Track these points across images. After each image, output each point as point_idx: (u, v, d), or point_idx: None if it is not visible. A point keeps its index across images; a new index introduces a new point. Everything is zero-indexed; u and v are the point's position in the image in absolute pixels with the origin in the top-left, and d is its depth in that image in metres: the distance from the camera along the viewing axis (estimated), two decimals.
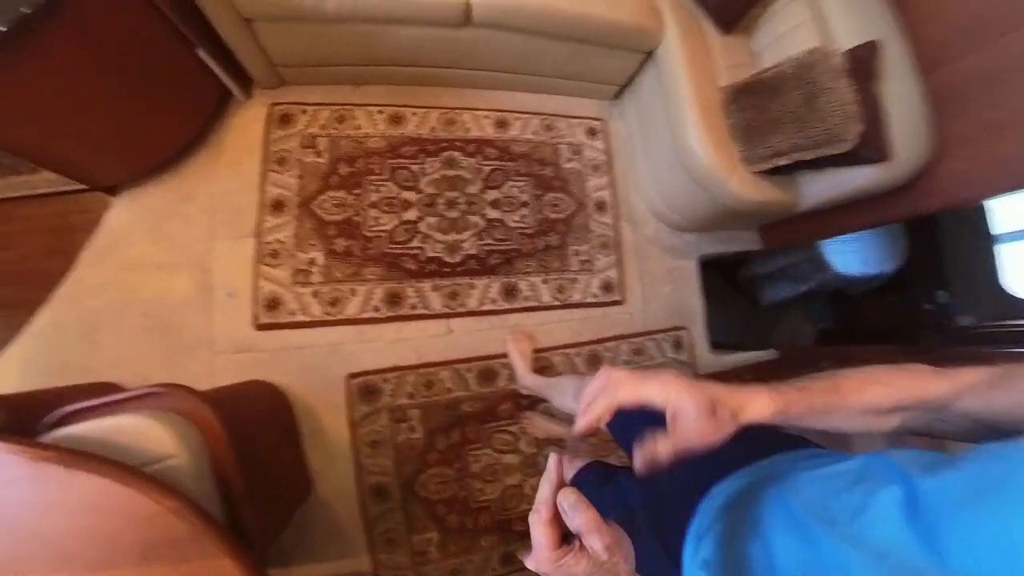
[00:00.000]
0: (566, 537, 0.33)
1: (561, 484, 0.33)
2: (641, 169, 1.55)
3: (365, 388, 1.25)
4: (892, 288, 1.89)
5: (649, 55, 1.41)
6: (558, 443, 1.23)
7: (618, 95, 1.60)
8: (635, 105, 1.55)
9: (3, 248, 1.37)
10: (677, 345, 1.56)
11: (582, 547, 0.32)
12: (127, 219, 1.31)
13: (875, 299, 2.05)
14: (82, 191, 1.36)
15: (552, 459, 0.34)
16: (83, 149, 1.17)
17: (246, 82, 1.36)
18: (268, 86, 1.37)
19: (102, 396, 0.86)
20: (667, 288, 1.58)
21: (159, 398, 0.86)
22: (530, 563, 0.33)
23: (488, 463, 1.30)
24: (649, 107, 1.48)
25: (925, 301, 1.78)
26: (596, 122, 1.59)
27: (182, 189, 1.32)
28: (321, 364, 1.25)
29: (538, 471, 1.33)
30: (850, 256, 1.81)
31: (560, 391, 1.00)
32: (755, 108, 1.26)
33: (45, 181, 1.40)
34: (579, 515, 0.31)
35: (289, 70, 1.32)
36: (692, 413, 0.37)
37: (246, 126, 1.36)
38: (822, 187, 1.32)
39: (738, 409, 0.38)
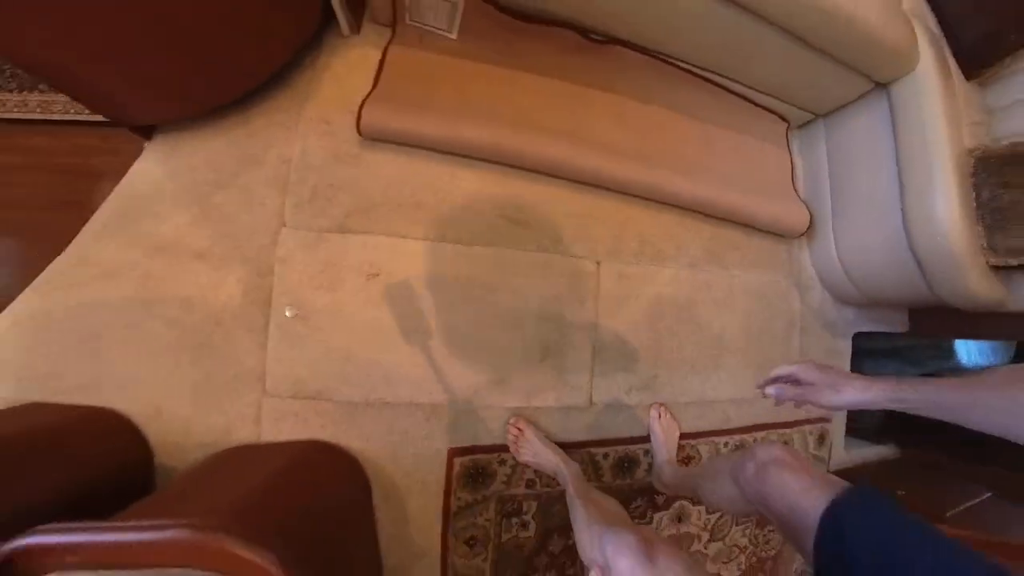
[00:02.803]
0: None
1: None
2: (821, 222, 1.22)
3: (473, 469, 0.90)
4: None
5: (878, 87, 1.06)
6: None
7: (804, 125, 1.25)
8: (828, 143, 1.20)
9: None
10: (821, 440, 1.27)
11: None
12: (162, 178, 0.87)
13: None
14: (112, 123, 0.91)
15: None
16: (122, 69, 0.71)
17: (354, 9, 0.92)
18: (382, 19, 0.93)
19: (88, 531, 0.46)
20: None
21: (188, 550, 0.46)
22: None
23: None
24: (854, 151, 1.14)
25: None
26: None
27: (247, 147, 0.89)
28: (416, 429, 0.88)
29: None
30: (977, 347, 1.60)
31: (712, 475, 0.71)
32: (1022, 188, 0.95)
33: (70, 103, 0.94)
34: None
35: None
36: (813, 380, 0.55)
37: (346, 73, 0.92)
38: None
39: (836, 388, 0.53)
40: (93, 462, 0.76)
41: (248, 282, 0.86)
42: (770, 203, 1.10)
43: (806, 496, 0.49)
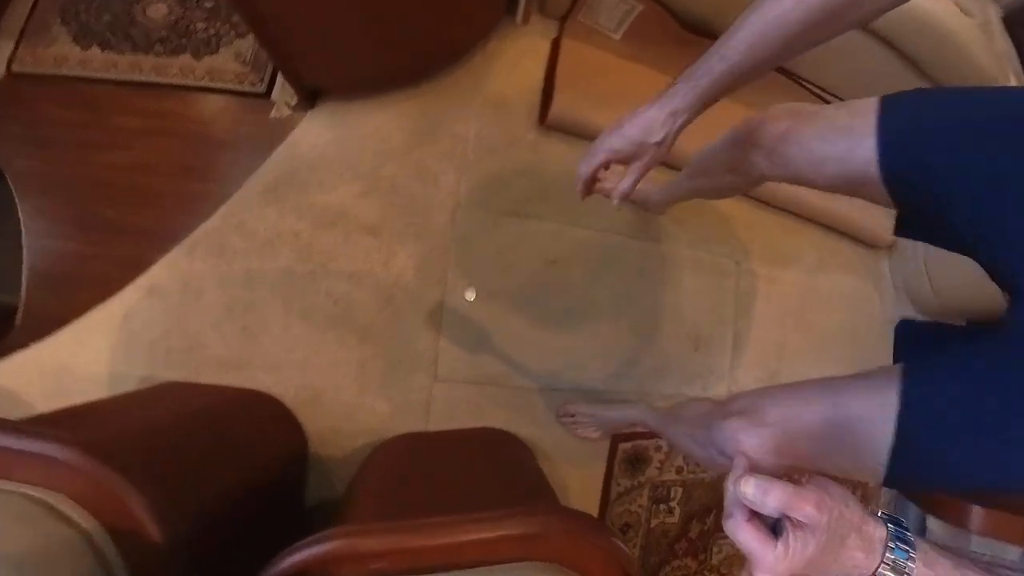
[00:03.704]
0: (774, 531, 0.26)
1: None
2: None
3: (633, 455, 0.90)
4: None
5: None
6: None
7: None
8: None
9: (116, 147, 0.83)
10: None
11: (796, 524, 0.25)
12: (326, 146, 0.82)
13: None
14: (250, 95, 0.86)
15: (739, 455, 0.30)
16: (315, 22, 0.67)
17: None
18: (553, 14, 0.93)
19: (404, 531, 0.41)
20: None
21: (527, 542, 0.43)
22: None
23: (728, 554, 1.01)
24: None
25: None
26: None
27: (419, 122, 0.85)
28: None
29: None
30: None
31: (704, 171, 0.63)
32: None
33: (187, 68, 0.87)
34: (771, 494, 0.25)
35: None
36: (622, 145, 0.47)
37: (517, 59, 0.91)
38: None
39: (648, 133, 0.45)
40: (256, 452, 0.69)
41: (422, 260, 0.82)
42: (863, 211, 1.20)
43: (838, 143, 0.42)
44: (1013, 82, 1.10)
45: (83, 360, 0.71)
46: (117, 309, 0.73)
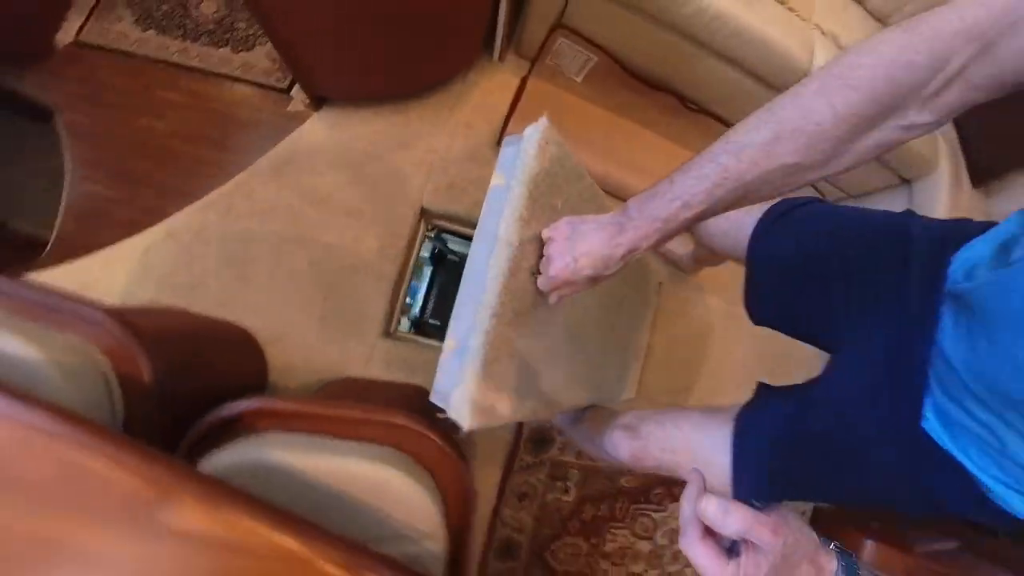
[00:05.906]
0: (729, 550, 0.29)
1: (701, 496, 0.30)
2: None
3: (539, 436, 1.03)
4: None
5: (903, 181, 1.28)
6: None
7: (837, 200, 1.46)
8: None
9: (155, 115, 1.04)
10: None
11: (751, 547, 0.27)
12: (325, 141, 1.02)
13: None
14: (274, 89, 1.06)
15: (694, 474, 0.31)
16: (325, 46, 0.88)
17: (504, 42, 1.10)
18: (525, 54, 1.11)
19: (322, 404, 0.58)
20: None
21: (390, 431, 0.59)
22: None
23: (622, 544, 1.11)
24: None
25: None
26: None
27: (402, 132, 1.05)
28: None
29: (663, 567, 1.15)
30: None
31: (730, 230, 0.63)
32: None
33: (225, 59, 1.08)
34: (732, 516, 0.27)
35: (566, 40, 1.05)
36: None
37: (490, 90, 1.09)
38: None
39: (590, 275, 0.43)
40: (231, 364, 0.88)
41: (385, 242, 1.00)
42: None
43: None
44: (943, 154, 1.19)
45: (103, 282, 0.91)
46: (139, 245, 0.94)
